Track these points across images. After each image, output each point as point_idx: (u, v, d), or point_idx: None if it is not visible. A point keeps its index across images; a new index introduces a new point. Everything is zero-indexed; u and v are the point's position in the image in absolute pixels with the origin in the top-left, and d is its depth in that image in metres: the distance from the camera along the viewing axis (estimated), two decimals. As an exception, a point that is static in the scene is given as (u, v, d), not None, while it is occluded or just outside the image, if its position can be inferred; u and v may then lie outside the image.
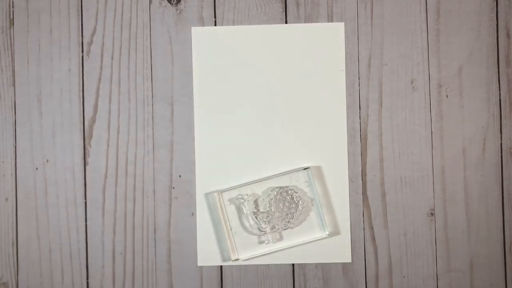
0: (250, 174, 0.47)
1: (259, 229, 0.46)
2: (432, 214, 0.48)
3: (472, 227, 0.48)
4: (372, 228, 0.47)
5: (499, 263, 0.47)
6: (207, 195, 0.47)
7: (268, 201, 0.46)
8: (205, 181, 0.47)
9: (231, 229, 0.47)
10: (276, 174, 0.46)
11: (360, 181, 0.48)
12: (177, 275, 0.48)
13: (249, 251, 0.46)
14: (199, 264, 0.47)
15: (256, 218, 0.46)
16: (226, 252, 0.47)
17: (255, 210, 0.47)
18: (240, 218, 0.47)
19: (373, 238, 0.47)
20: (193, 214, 0.48)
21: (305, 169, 0.47)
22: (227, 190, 0.47)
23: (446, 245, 0.47)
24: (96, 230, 0.48)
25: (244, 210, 0.46)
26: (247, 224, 0.47)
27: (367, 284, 0.47)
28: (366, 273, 0.47)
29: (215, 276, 0.48)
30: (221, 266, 0.48)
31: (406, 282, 0.47)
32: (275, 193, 0.46)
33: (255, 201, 0.47)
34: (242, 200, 0.46)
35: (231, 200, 0.47)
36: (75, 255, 0.48)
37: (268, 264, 0.47)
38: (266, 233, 0.46)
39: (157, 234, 0.48)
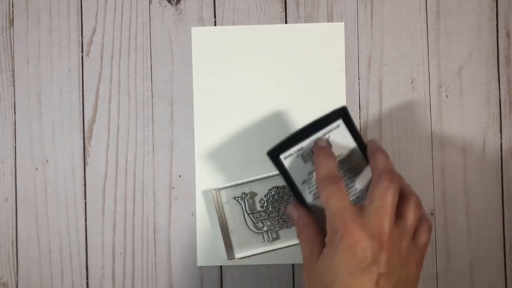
0: (250, 174, 0.47)
1: (256, 228, 0.46)
2: (432, 214, 0.48)
3: (472, 227, 0.48)
4: (372, 228, 0.47)
5: (499, 263, 0.47)
6: (205, 193, 0.47)
7: (266, 200, 0.46)
8: (205, 181, 0.48)
9: (227, 228, 0.47)
10: (275, 174, 0.46)
11: (360, 181, 0.47)
12: (177, 275, 0.48)
13: (246, 250, 0.46)
14: (199, 264, 0.47)
15: (253, 217, 0.46)
16: (222, 250, 0.47)
17: (253, 209, 0.47)
18: (237, 216, 0.47)
19: (373, 238, 0.47)
20: (193, 214, 0.48)
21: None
22: (224, 188, 0.47)
23: (446, 245, 0.47)
24: (96, 230, 0.48)
25: (241, 209, 0.46)
26: (244, 223, 0.47)
27: (367, 284, 0.47)
28: (366, 273, 0.47)
29: (215, 276, 0.48)
30: (221, 266, 0.48)
31: (406, 282, 0.47)
32: (273, 193, 0.46)
33: (253, 200, 0.47)
34: (238, 199, 0.46)
35: (228, 199, 0.47)
36: (75, 255, 0.48)
37: (268, 264, 0.47)
38: (262, 233, 0.46)
39: (157, 234, 0.48)
